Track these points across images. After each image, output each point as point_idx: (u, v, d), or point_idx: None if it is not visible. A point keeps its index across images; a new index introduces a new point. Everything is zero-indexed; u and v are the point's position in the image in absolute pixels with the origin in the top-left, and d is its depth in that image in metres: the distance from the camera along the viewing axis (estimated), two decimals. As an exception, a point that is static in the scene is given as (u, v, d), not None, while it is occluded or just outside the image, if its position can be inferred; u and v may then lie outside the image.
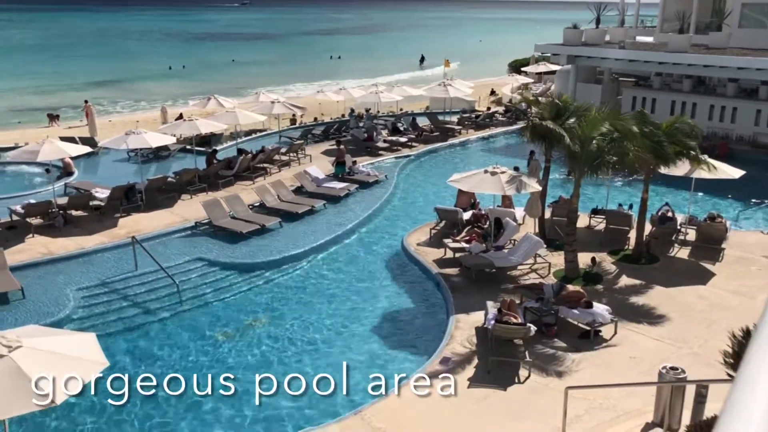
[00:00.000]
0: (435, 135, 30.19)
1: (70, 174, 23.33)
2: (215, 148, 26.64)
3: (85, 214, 18.96)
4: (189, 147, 25.36)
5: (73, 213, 18.75)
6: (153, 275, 14.94)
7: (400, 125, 30.84)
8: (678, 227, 17.44)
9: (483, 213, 18.01)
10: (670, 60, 30.73)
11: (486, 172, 15.57)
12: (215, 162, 23.37)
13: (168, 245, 16.98)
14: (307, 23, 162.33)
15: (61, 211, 18.22)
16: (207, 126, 23.40)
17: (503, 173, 15.44)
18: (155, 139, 20.64)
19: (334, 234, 17.94)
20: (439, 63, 57.35)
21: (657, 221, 17.42)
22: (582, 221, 17.39)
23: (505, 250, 15.99)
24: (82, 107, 33.29)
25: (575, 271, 14.99)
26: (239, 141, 28.42)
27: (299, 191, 21.57)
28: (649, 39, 37.85)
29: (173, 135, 22.94)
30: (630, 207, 18.13)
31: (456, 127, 31.58)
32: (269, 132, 30.94)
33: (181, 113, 29.93)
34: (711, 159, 16.07)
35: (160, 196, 20.48)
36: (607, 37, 36.66)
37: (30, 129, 32.27)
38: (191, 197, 20.75)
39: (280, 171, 24.19)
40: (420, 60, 73.61)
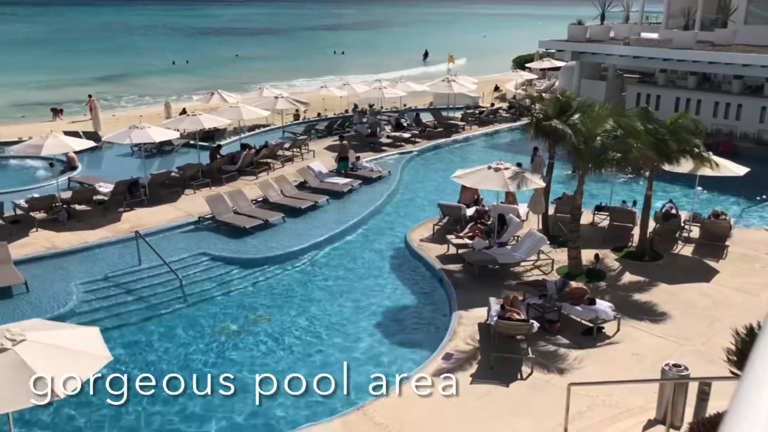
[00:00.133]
0: (438, 131, 30.18)
1: (73, 168, 23.37)
2: (219, 143, 26.65)
3: (89, 208, 18.99)
4: (192, 142, 25.36)
5: (77, 207, 18.79)
6: (156, 270, 14.98)
7: (403, 121, 30.77)
8: (682, 224, 17.40)
9: (486, 209, 17.99)
10: (674, 56, 30.64)
11: (489, 168, 15.55)
12: (219, 157, 23.38)
13: (171, 240, 17.02)
14: (311, 18, 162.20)
15: (65, 206, 18.25)
16: (210, 121, 23.38)
17: (507, 169, 15.42)
18: (159, 134, 20.67)
19: (337, 229, 17.94)
20: (443, 59, 57.22)
21: (661, 218, 17.38)
22: (586, 218, 17.38)
23: (509, 246, 15.99)
24: (85, 102, 33.30)
25: (578, 268, 14.97)
26: (243, 136, 28.45)
27: (302, 186, 21.57)
28: (654, 35, 37.68)
29: (177, 130, 22.94)
30: (634, 204, 18.08)
31: (459, 123, 31.53)
32: (273, 127, 30.90)
33: (185, 108, 29.97)
34: (715, 156, 16.02)
35: (163, 190, 20.50)
36: (612, 34, 36.57)
37: (34, 123, 32.30)
38: (194, 192, 20.78)
39: (283, 166, 24.18)
40: (423, 55, 73.41)
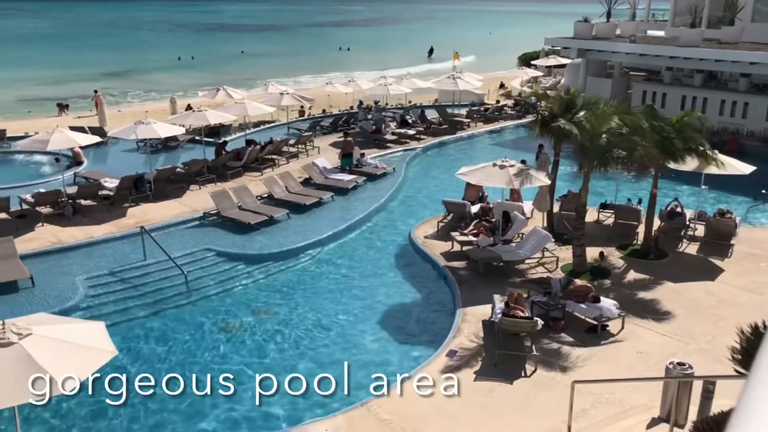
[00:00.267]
0: (444, 128, 30.14)
1: (79, 163, 23.43)
2: (225, 139, 26.69)
3: (94, 203, 19.06)
4: (198, 138, 25.40)
5: (83, 202, 18.85)
6: (161, 265, 15.01)
7: (408, 118, 30.75)
8: (687, 223, 17.36)
9: (491, 206, 17.97)
10: (681, 54, 30.49)
11: (495, 165, 15.55)
12: (224, 153, 23.42)
13: (176, 235, 17.07)
14: (316, 15, 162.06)
15: (71, 201, 18.32)
16: (216, 117, 23.44)
17: (512, 167, 15.41)
18: (164, 130, 20.73)
19: (341, 226, 17.95)
20: (448, 56, 57.09)
21: (666, 216, 17.33)
22: (590, 215, 17.36)
23: (513, 243, 15.98)
24: (91, 97, 33.38)
25: (583, 266, 14.96)
26: (248, 132, 28.47)
27: (307, 183, 21.59)
28: (661, 33, 37.48)
29: (182, 125, 23.01)
30: (639, 202, 18.03)
31: (465, 120, 31.49)
32: (278, 123, 30.92)
33: (190, 104, 30.01)
34: (721, 154, 15.96)
35: (168, 186, 20.55)
36: (618, 31, 36.39)
37: (40, 118, 32.36)
38: (200, 188, 20.82)
39: (288, 162, 24.20)
40: (429, 52, 73.25)
